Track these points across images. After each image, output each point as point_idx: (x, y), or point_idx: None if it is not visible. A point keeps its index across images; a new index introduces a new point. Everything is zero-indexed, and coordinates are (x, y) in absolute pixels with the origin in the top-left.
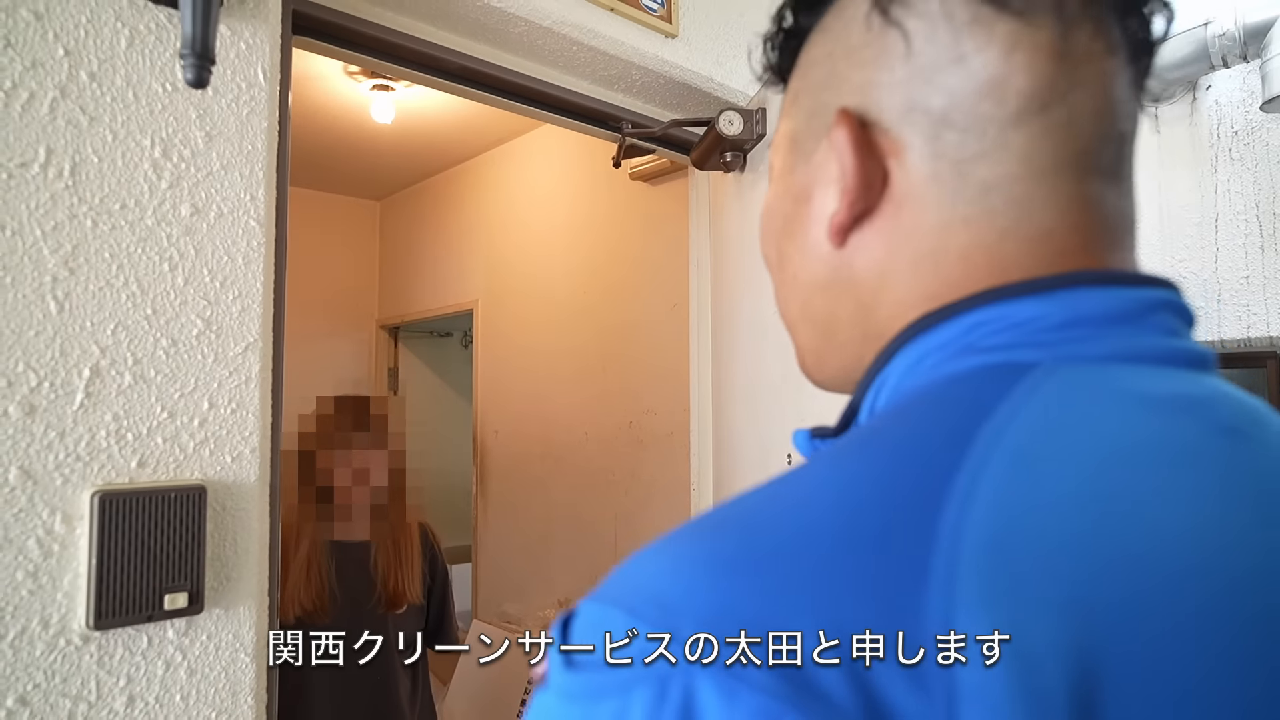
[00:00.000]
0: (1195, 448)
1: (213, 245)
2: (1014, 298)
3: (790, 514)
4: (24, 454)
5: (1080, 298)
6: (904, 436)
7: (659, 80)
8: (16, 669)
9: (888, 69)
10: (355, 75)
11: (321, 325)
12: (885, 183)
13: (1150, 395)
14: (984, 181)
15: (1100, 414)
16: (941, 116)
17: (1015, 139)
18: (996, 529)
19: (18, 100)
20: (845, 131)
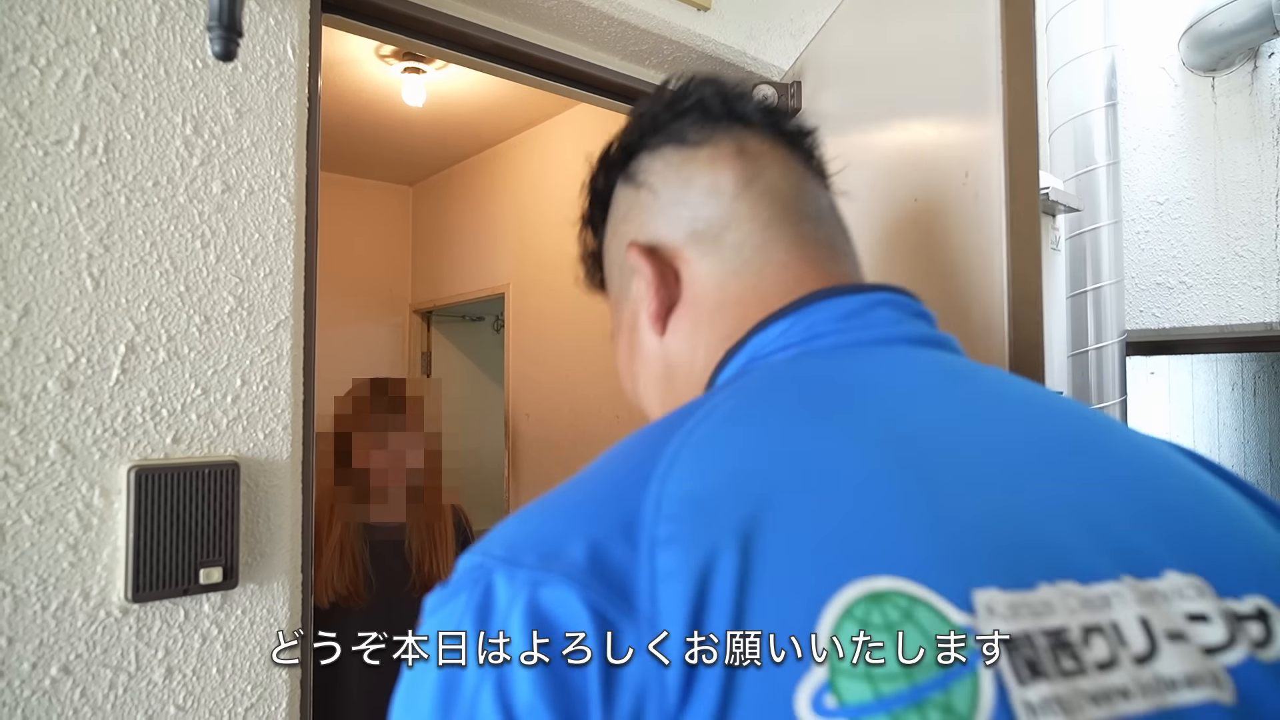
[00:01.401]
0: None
1: (244, 222)
2: (774, 322)
3: (591, 468)
4: (63, 429)
5: (816, 309)
6: (649, 429)
7: (691, 55)
8: (59, 639)
9: (648, 210)
10: (386, 58)
11: (355, 310)
12: (678, 277)
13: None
14: (733, 243)
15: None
16: (692, 216)
17: (741, 208)
18: (703, 444)
19: (52, 78)
20: (636, 251)
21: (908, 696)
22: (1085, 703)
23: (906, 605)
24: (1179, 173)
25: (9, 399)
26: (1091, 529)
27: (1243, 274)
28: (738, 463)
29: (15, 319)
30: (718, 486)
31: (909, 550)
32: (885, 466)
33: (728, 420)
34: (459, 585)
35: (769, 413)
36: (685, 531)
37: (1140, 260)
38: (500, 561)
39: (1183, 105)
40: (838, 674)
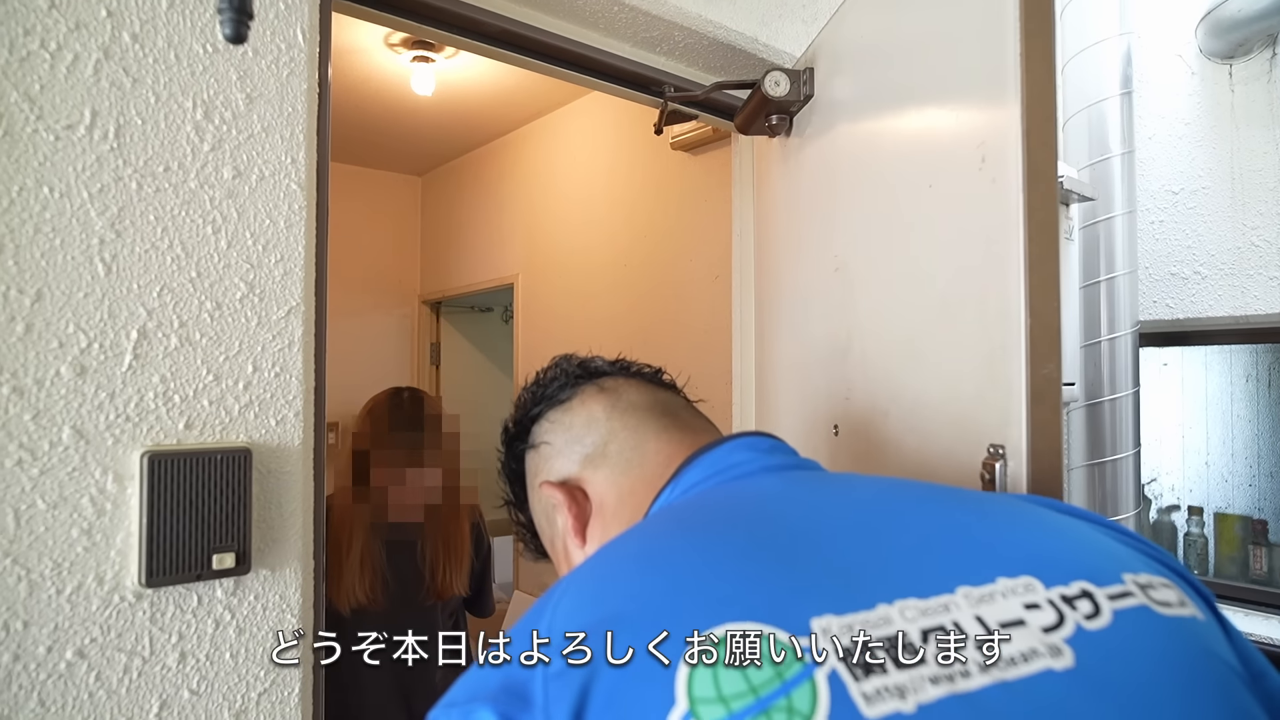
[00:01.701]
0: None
1: (254, 208)
2: (658, 497)
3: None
4: (76, 414)
5: (687, 473)
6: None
7: (702, 41)
8: (74, 622)
9: (550, 459)
10: (395, 47)
11: (364, 301)
12: (586, 496)
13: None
14: (615, 451)
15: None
16: (581, 448)
17: (613, 424)
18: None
19: (63, 62)
20: (546, 487)
21: (756, 707)
22: (924, 684)
23: (749, 641)
24: (1195, 161)
25: (23, 384)
26: (930, 558)
27: (1259, 264)
28: (607, 574)
29: (28, 304)
30: (584, 595)
31: (755, 600)
32: (740, 547)
33: (597, 556)
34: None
35: (636, 534)
36: (559, 640)
37: (1154, 250)
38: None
39: (1199, 93)
40: (696, 703)
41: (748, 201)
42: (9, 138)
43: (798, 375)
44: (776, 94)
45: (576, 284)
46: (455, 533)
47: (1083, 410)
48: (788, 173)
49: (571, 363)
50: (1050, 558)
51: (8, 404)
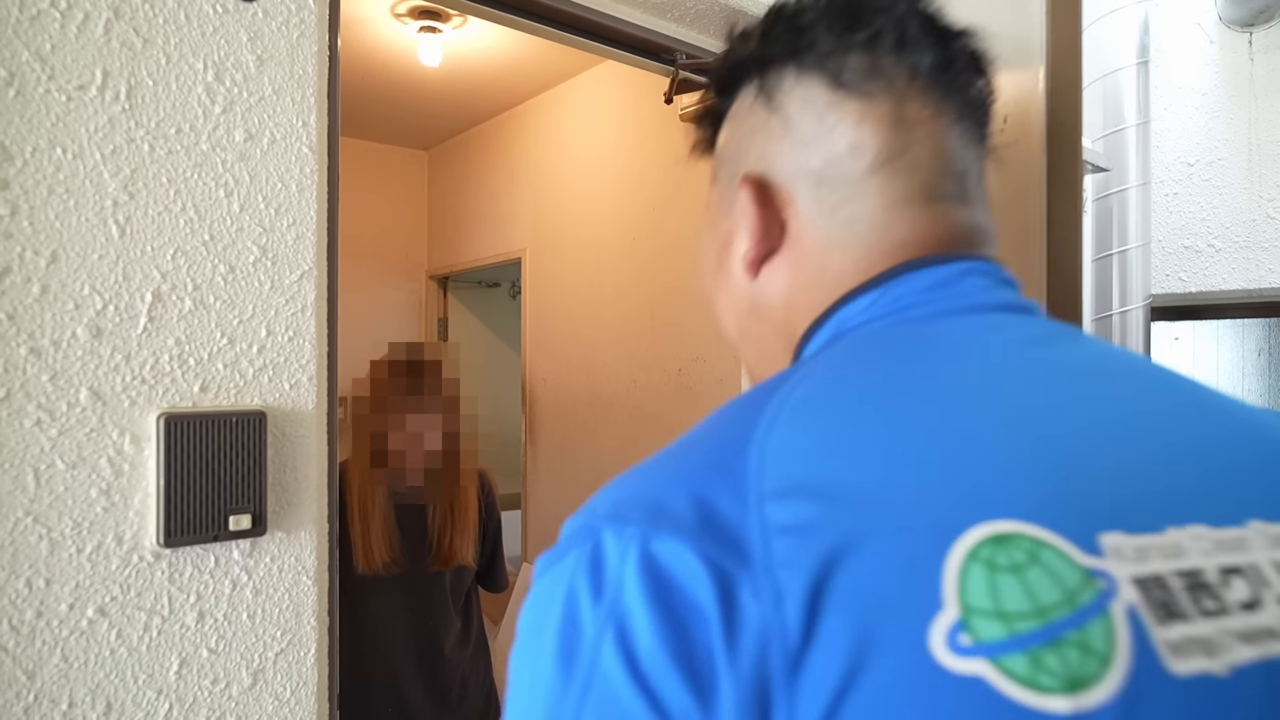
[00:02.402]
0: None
1: (266, 171)
2: (861, 294)
3: (692, 432)
4: (93, 375)
5: (904, 280)
6: (761, 385)
7: (714, 7)
8: (95, 581)
9: (777, 143)
10: (402, 17)
11: (372, 276)
12: (784, 228)
13: (963, 326)
14: (850, 216)
15: (903, 342)
16: (819, 174)
17: (873, 182)
18: (804, 403)
19: (73, 21)
20: (748, 191)
21: (1043, 635)
22: (1233, 642)
23: (1031, 547)
24: (1211, 132)
25: (40, 345)
26: (1214, 476)
27: (1274, 237)
28: (840, 425)
29: (44, 265)
30: (823, 446)
31: (1029, 497)
32: (991, 424)
33: (823, 386)
34: (565, 546)
35: (866, 377)
36: (795, 486)
37: (1168, 223)
38: (606, 519)
39: (1218, 62)
40: (970, 613)
41: None
42: (21, 98)
43: None
44: None
45: (584, 258)
46: (462, 499)
47: None
48: None
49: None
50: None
51: (25, 365)
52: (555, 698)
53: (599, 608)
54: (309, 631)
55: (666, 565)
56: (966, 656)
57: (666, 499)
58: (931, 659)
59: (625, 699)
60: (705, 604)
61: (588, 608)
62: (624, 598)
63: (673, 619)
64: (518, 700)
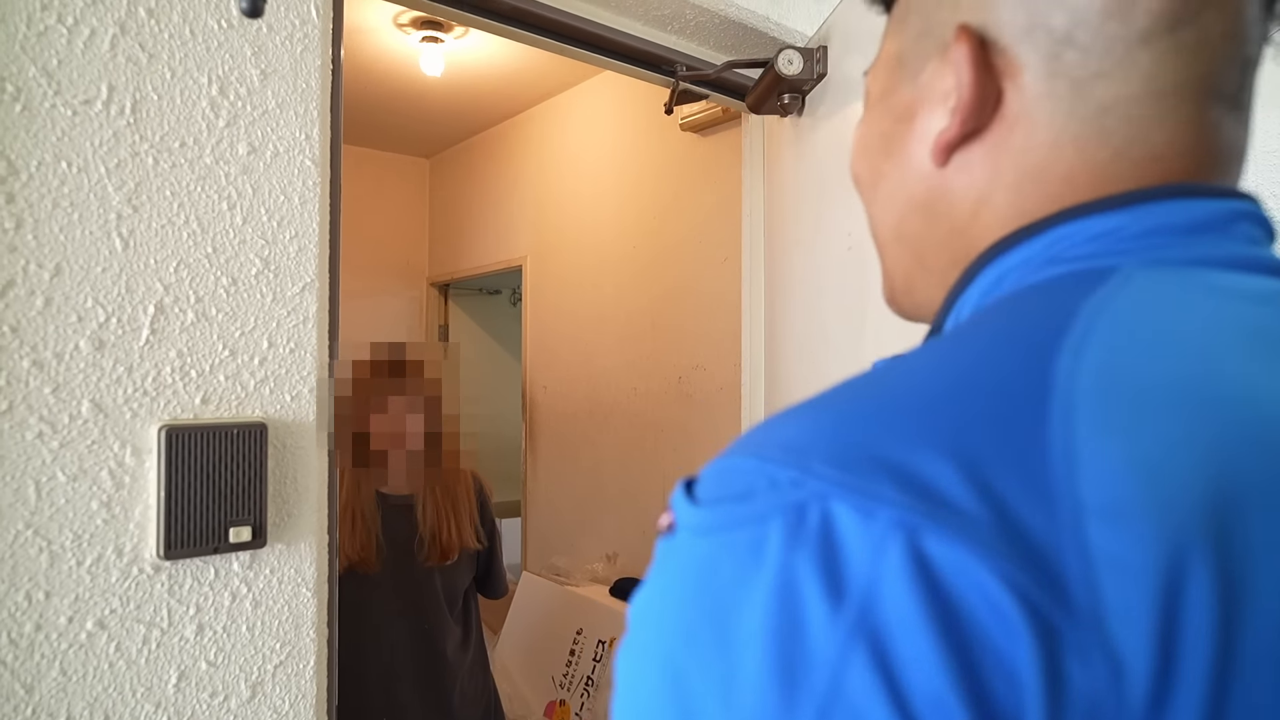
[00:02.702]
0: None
1: (269, 184)
2: (1096, 213)
3: (906, 375)
4: (95, 388)
5: (1160, 210)
6: (998, 326)
7: (714, 20)
8: (95, 594)
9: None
10: (405, 27)
11: (373, 283)
12: (998, 103)
13: (1237, 290)
14: (1101, 101)
15: (1190, 302)
16: (1065, 35)
17: (1141, 58)
18: (1112, 372)
19: (80, 37)
20: (966, 49)
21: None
22: None
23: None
24: None
25: (43, 357)
26: None
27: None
28: (1168, 417)
29: (47, 278)
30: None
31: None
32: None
33: (1123, 349)
34: (757, 506)
35: (1171, 344)
36: (1130, 504)
37: None
38: (837, 485)
39: None
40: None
41: (758, 182)
42: (27, 112)
43: (809, 355)
44: (790, 72)
45: (585, 266)
46: (458, 486)
47: None
48: (800, 153)
49: None
50: None
51: (28, 377)
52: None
53: (839, 616)
54: (308, 644)
55: (952, 584)
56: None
57: (936, 477)
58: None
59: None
60: (1017, 662)
61: (819, 612)
62: (883, 609)
63: (963, 660)
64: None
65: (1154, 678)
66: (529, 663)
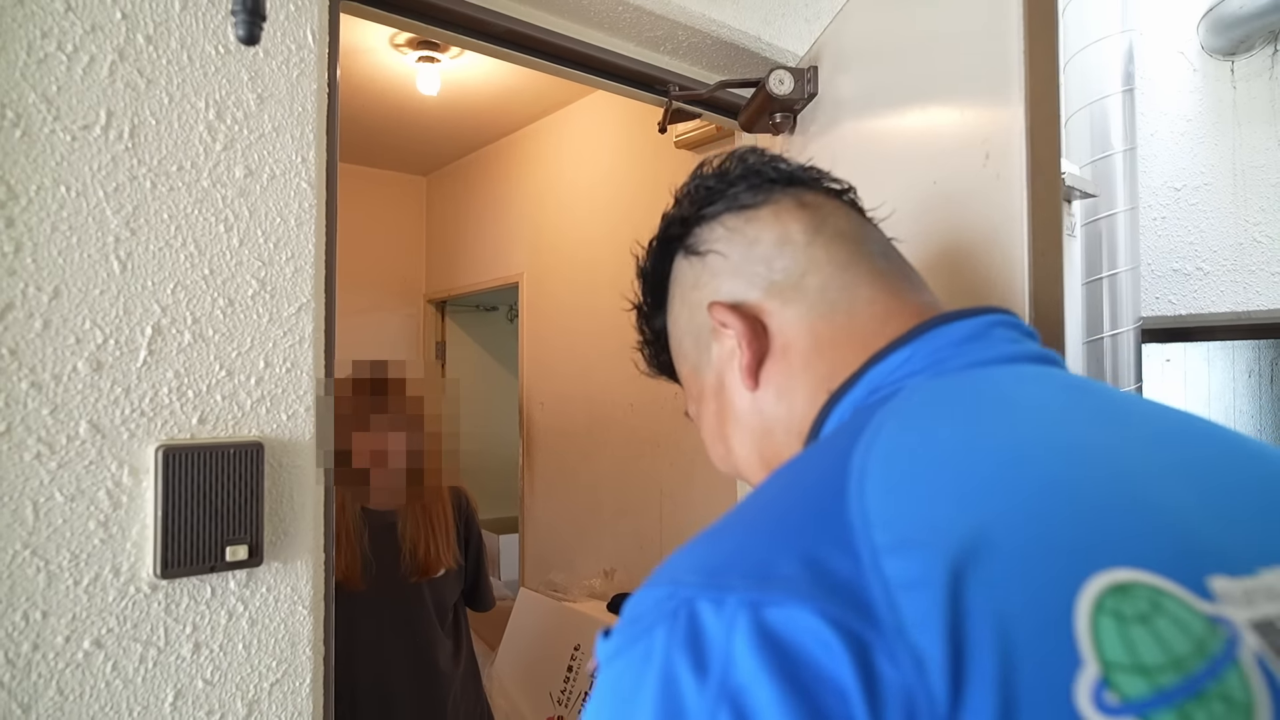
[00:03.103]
0: (1043, 397)
1: (266, 207)
2: (893, 351)
3: (757, 495)
4: (93, 409)
5: (935, 335)
6: (820, 447)
7: (706, 40)
8: (91, 613)
9: (719, 275)
10: (401, 47)
11: (370, 300)
12: (765, 329)
13: (1000, 377)
14: (815, 287)
15: (962, 393)
16: (766, 270)
17: (816, 253)
18: (892, 452)
19: (79, 64)
20: (720, 309)
21: (1186, 688)
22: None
23: (1152, 596)
24: (1197, 158)
25: (41, 379)
26: (1267, 520)
27: (1261, 260)
28: (936, 472)
29: (46, 301)
30: (922, 492)
31: (1135, 543)
32: (1075, 470)
33: (900, 435)
34: (643, 623)
35: (937, 427)
36: (908, 537)
37: (1157, 246)
38: (697, 589)
39: (1201, 90)
40: (1110, 669)
41: None
42: (27, 138)
43: None
44: (781, 92)
45: (581, 283)
46: (436, 505)
47: None
48: None
49: (762, 158)
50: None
51: (26, 398)
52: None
53: (705, 687)
54: (304, 661)
55: (787, 636)
56: (1116, 716)
57: (767, 560)
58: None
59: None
60: (841, 676)
61: (691, 687)
62: (736, 675)
63: (803, 696)
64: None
65: (950, 664)
66: (527, 678)
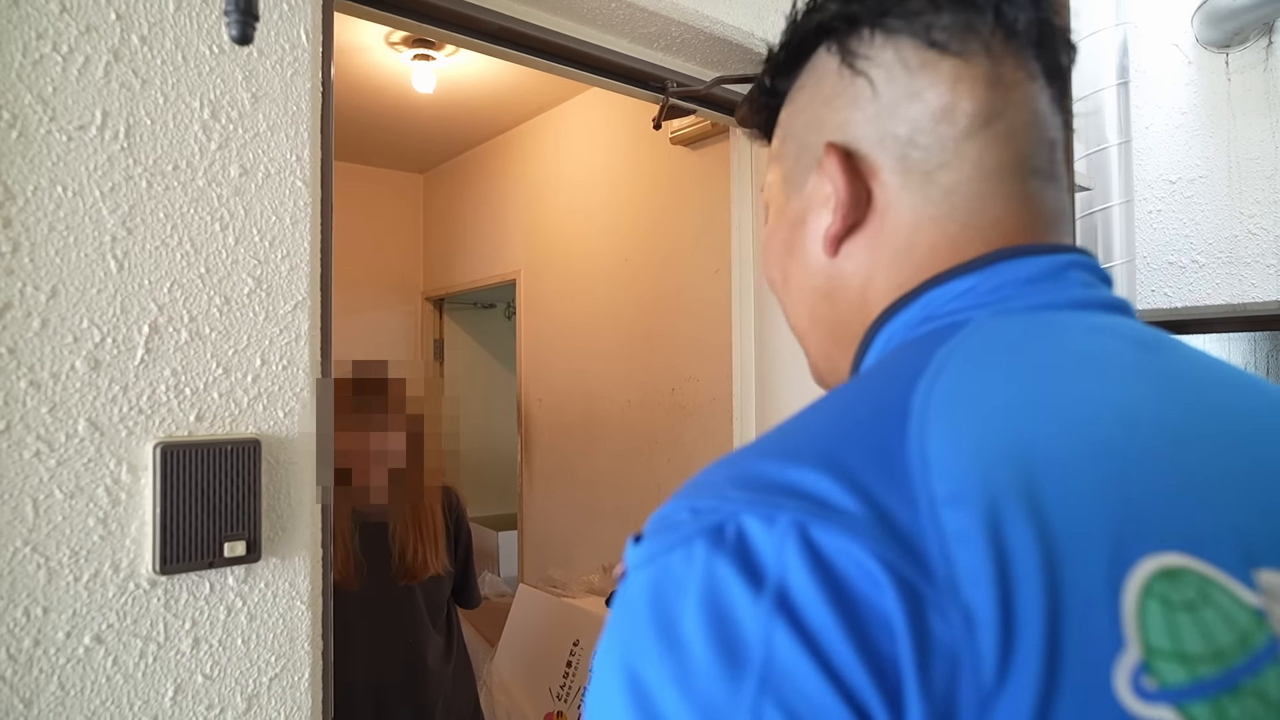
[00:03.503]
0: (1112, 354)
1: (261, 205)
2: (954, 278)
3: (804, 419)
4: (91, 407)
5: (1004, 268)
6: (875, 374)
7: (700, 37)
8: (92, 609)
9: (860, 109)
10: (396, 45)
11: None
12: (869, 199)
13: (1067, 324)
14: (945, 186)
15: (1027, 337)
16: (908, 139)
17: (968, 149)
18: (955, 396)
19: (74, 64)
20: (835, 159)
21: (1223, 681)
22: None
23: (1200, 584)
24: (1192, 151)
25: (39, 378)
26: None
27: (1256, 252)
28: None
29: (44, 300)
30: (983, 446)
31: (1189, 526)
32: (1137, 440)
33: (966, 379)
34: (685, 531)
35: (1002, 373)
36: (967, 491)
37: (1152, 239)
38: (743, 504)
39: (1196, 82)
40: (1152, 654)
41: (747, 194)
42: (23, 139)
43: (799, 365)
44: None
45: (577, 279)
46: (424, 510)
47: None
48: None
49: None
50: None
51: (25, 397)
52: (721, 700)
53: (760, 598)
54: (303, 656)
55: (839, 564)
56: (1152, 702)
57: (821, 488)
58: (1117, 703)
59: (816, 694)
60: (892, 616)
61: (743, 598)
62: (792, 590)
63: (855, 620)
64: (649, 708)
65: (1000, 624)
66: (526, 675)
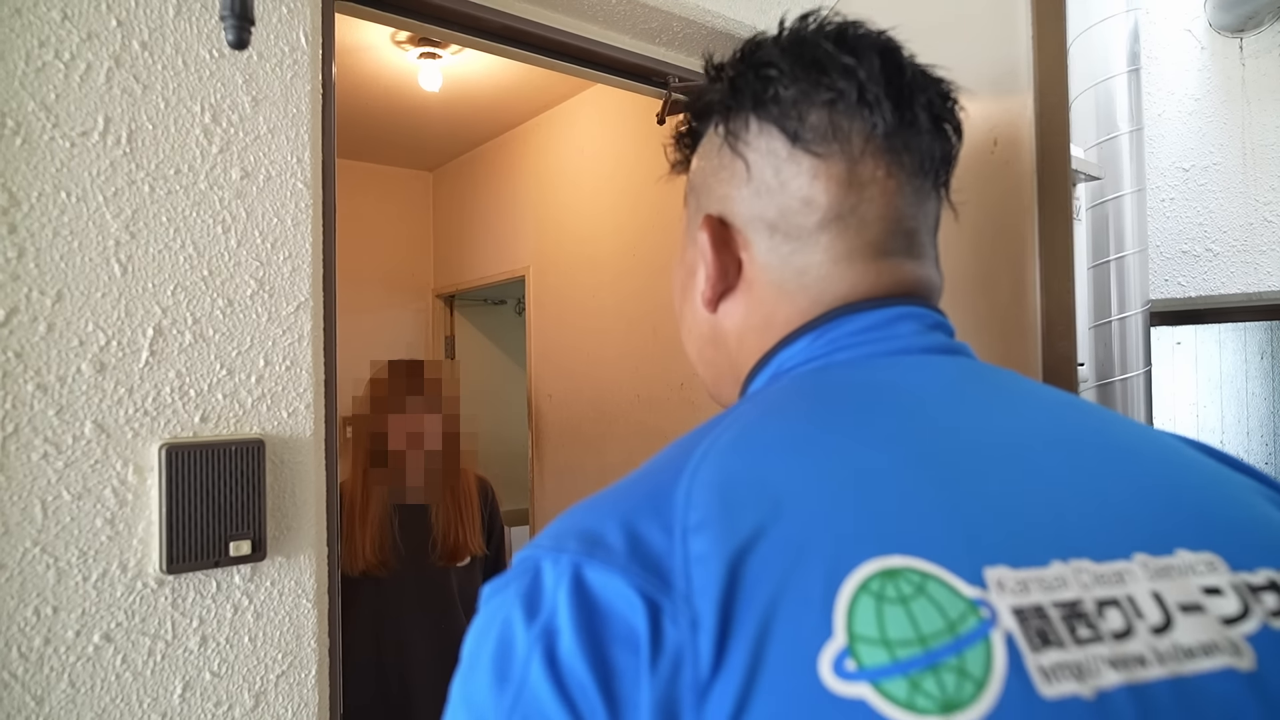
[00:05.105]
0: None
1: (262, 208)
2: (796, 338)
3: (624, 480)
4: (97, 409)
5: (836, 324)
6: (686, 438)
7: (700, 31)
8: (100, 608)
9: (736, 187)
10: (402, 44)
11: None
12: (740, 269)
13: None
14: (799, 267)
15: (828, 385)
16: (773, 222)
17: (821, 237)
18: (732, 441)
19: (76, 71)
20: (707, 235)
21: (923, 660)
22: (1102, 667)
23: (918, 580)
24: (1205, 138)
25: (46, 381)
26: (1104, 511)
27: (1272, 240)
28: (757, 464)
29: (49, 304)
30: (739, 483)
31: (921, 533)
32: (897, 462)
33: (749, 428)
34: (511, 576)
35: (786, 420)
36: (712, 519)
37: (1165, 228)
38: (546, 550)
39: (1209, 68)
40: (856, 641)
41: None
42: (27, 145)
43: None
44: None
45: (586, 275)
46: (464, 494)
47: (1094, 390)
48: None
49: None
50: (1235, 533)
51: (32, 400)
52: (489, 710)
53: (531, 629)
54: (309, 653)
55: (597, 591)
56: (850, 680)
57: (601, 530)
58: (819, 683)
59: (548, 706)
60: (638, 629)
61: (520, 630)
62: (556, 619)
63: (597, 643)
64: (457, 712)
65: (718, 628)
66: None
